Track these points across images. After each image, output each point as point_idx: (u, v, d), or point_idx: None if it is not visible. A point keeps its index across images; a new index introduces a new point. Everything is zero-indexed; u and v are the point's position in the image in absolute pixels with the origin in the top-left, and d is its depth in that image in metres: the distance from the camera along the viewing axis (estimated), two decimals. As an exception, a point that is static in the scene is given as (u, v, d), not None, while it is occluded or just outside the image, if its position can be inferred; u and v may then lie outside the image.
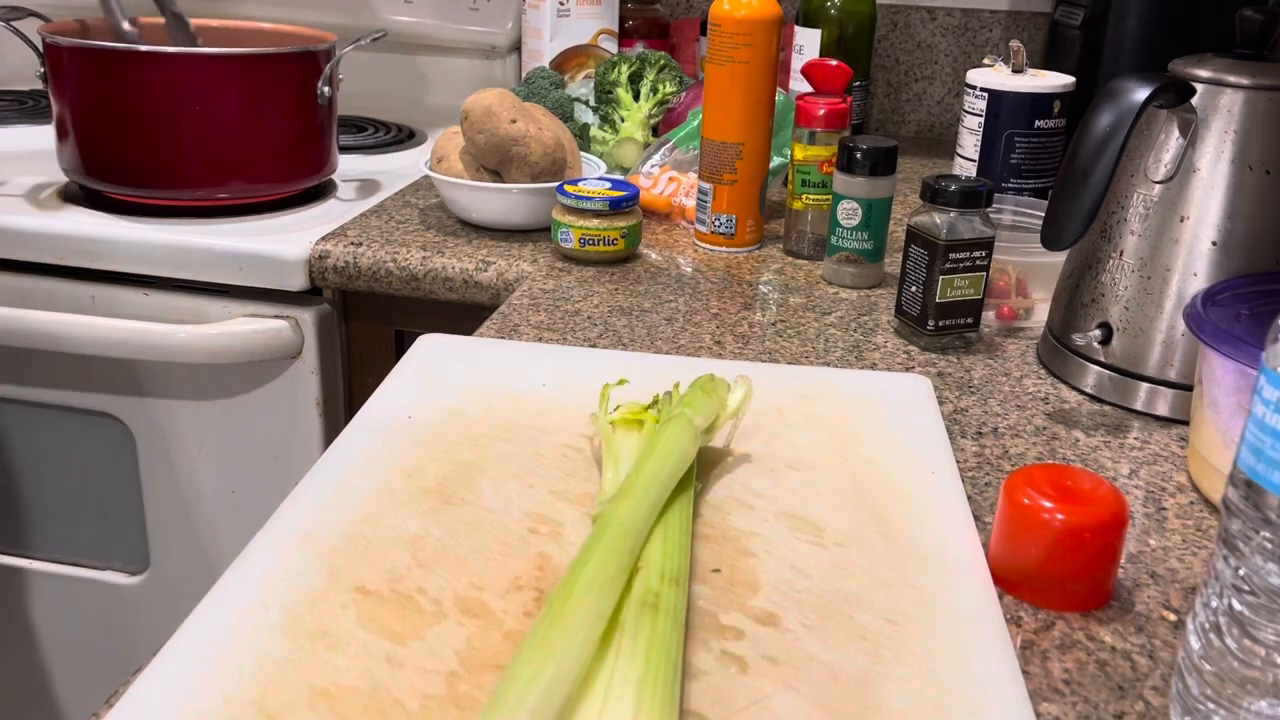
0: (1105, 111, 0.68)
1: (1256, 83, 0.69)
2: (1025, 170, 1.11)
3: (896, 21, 1.55)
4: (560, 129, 1.05)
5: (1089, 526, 0.51)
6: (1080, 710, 0.46)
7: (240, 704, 0.43)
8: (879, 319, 0.88)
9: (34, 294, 1.05)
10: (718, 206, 1.01)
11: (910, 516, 0.58)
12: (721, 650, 0.47)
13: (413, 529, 0.54)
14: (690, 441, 0.56)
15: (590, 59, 1.35)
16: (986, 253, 0.80)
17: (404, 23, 1.58)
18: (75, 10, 1.28)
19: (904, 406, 0.71)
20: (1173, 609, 0.53)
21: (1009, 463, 0.67)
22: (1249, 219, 0.70)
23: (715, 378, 0.63)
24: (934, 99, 1.59)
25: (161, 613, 1.12)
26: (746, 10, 0.95)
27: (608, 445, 0.58)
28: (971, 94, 1.12)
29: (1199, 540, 0.60)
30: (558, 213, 0.96)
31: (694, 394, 0.61)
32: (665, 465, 0.53)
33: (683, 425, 0.57)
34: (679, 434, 0.56)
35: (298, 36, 1.17)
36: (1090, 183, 0.69)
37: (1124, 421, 0.73)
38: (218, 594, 0.49)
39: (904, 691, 0.45)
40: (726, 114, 0.98)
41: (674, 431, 0.56)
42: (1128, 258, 0.73)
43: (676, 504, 0.53)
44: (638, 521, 0.49)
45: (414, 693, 0.43)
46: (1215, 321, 0.62)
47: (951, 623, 0.50)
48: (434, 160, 1.05)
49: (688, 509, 0.54)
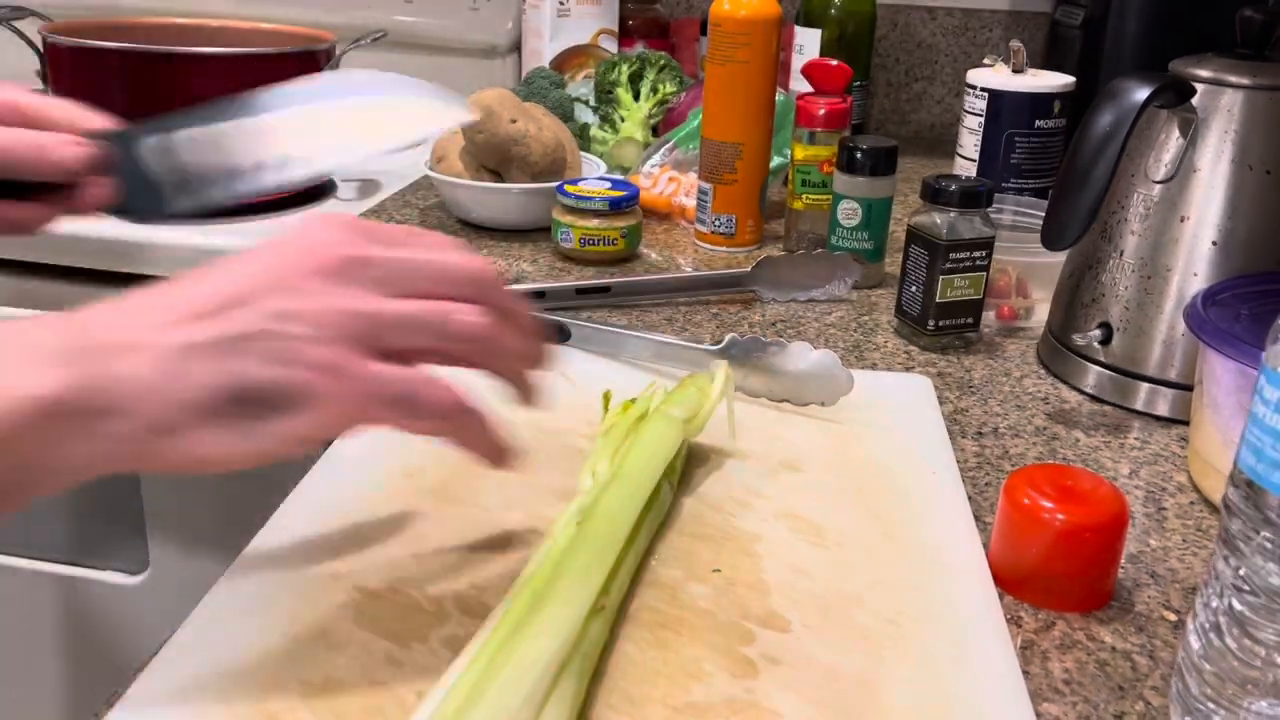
0: (1105, 111, 0.68)
1: (1257, 83, 0.69)
2: (1025, 170, 1.11)
3: (897, 21, 1.55)
4: (560, 129, 1.05)
5: (1089, 526, 0.51)
6: (1080, 710, 0.46)
7: (240, 704, 0.43)
8: (879, 319, 0.88)
9: (34, 294, 1.05)
10: (718, 206, 1.01)
11: (911, 516, 0.58)
12: (722, 650, 0.47)
13: (413, 530, 0.54)
14: (673, 432, 0.57)
15: (590, 59, 1.35)
16: (987, 253, 0.80)
17: (404, 23, 1.58)
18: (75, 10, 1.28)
19: (904, 406, 0.71)
20: (1173, 609, 0.53)
21: (1009, 463, 0.67)
22: (1249, 219, 0.70)
23: (696, 374, 0.63)
24: (934, 99, 1.59)
25: (161, 613, 1.12)
26: (747, 10, 0.95)
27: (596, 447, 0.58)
28: (972, 94, 1.12)
29: (1199, 540, 0.60)
30: (558, 212, 0.96)
31: (675, 390, 0.61)
32: (647, 457, 0.54)
33: (662, 419, 0.57)
34: (660, 428, 0.57)
35: (298, 36, 1.17)
36: (1090, 183, 0.69)
37: (1124, 421, 0.73)
38: (217, 594, 0.49)
39: (904, 691, 0.45)
40: (726, 114, 0.98)
41: (655, 426, 0.57)
42: (1128, 258, 0.73)
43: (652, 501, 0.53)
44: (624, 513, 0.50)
45: (414, 692, 0.43)
46: (1215, 321, 0.62)
47: (952, 623, 0.50)
48: (434, 160, 1.05)
49: (657, 512, 0.55)
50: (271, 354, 0.40)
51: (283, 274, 0.42)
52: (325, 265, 0.42)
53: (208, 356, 0.40)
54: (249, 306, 0.41)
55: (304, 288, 0.41)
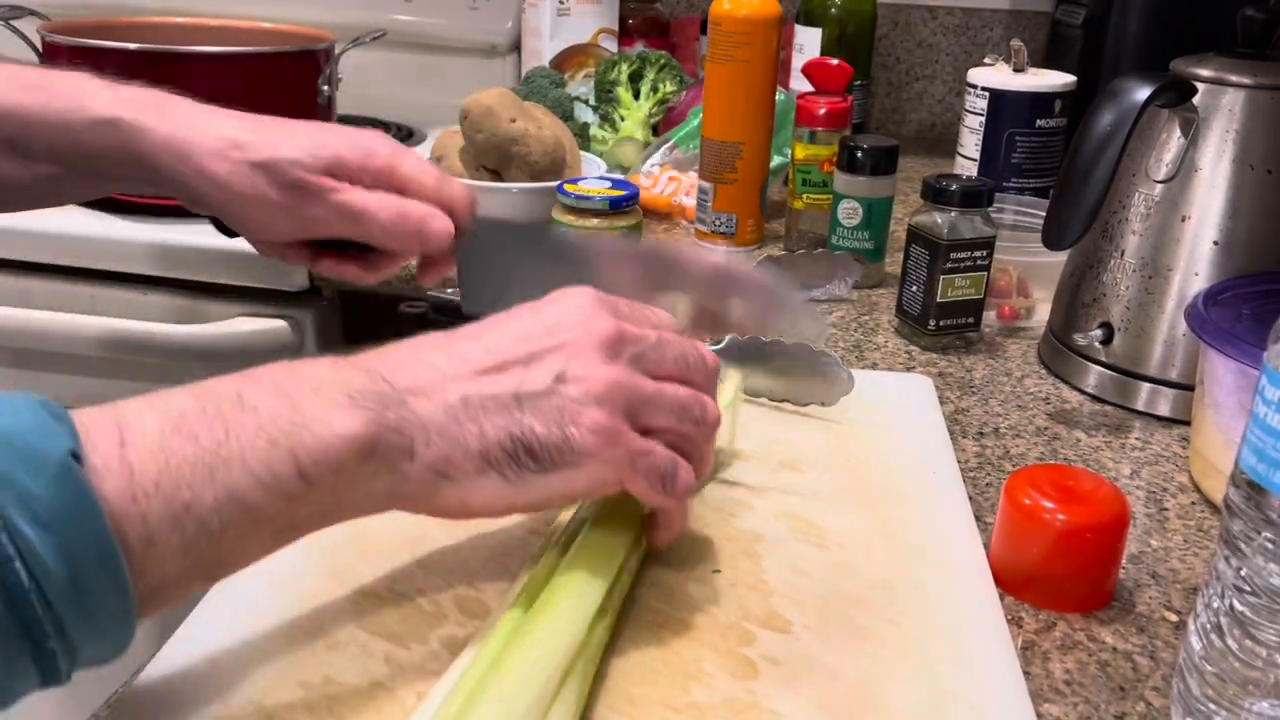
0: (1106, 111, 0.68)
1: (1258, 82, 0.69)
2: (1026, 169, 1.11)
3: (897, 20, 1.55)
4: (560, 128, 1.05)
5: (1090, 527, 0.51)
6: (1081, 711, 0.46)
7: (240, 704, 0.43)
8: (880, 319, 0.88)
9: (34, 294, 1.05)
10: (718, 205, 1.01)
11: (911, 517, 0.58)
12: (722, 651, 0.47)
13: (413, 530, 0.54)
14: None
15: (590, 58, 1.35)
16: (987, 252, 0.80)
17: (404, 22, 1.58)
18: (75, 10, 1.28)
19: (905, 406, 0.71)
20: (1174, 609, 0.53)
21: (1010, 463, 0.67)
22: (1250, 218, 0.70)
23: None
24: (935, 98, 1.59)
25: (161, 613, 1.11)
26: (747, 9, 0.95)
27: None
28: (972, 93, 1.12)
29: (1200, 541, 0.59)
30: (558, 212, 0.96)
31: None
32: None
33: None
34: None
35: (297, 36, 1.17)
36: (1091, 182, 0.69)
37: (1125, 422, 0.73)
38: (217, 594, 0.49)
39: (904, 692, 0.45)
40: (727, 113, 0.98)
41: None
42: (1129, 257, 0.73)
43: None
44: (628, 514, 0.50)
45: (414, 693, 0.43)
46: (1217, 321, 0.62)
47: (953, 623, 0.50)
48: (433, 159, 1.05)
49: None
50: (553, 413, 0.43)
51: (563, 340, 0.45)
52: (601, 338, 0.45)
53: (495, 409, 0.43)
54: (534, 366, 0.44)
55: (582, 356, 0.45)
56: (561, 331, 0.45)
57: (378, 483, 0.41)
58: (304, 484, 0.38)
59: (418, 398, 0.42)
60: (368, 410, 0.40)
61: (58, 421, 0.34)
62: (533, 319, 0.46)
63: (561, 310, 0.46)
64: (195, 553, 0.37)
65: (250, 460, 0.37)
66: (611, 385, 0.44)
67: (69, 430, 0.34)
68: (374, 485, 0.41)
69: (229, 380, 0.40)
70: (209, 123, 0.59)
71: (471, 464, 0.42)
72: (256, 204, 0.58)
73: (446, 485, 0.42)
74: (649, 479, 0.45)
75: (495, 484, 0.43)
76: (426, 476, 0.42)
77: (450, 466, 0.42)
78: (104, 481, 0.34)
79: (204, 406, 0.38)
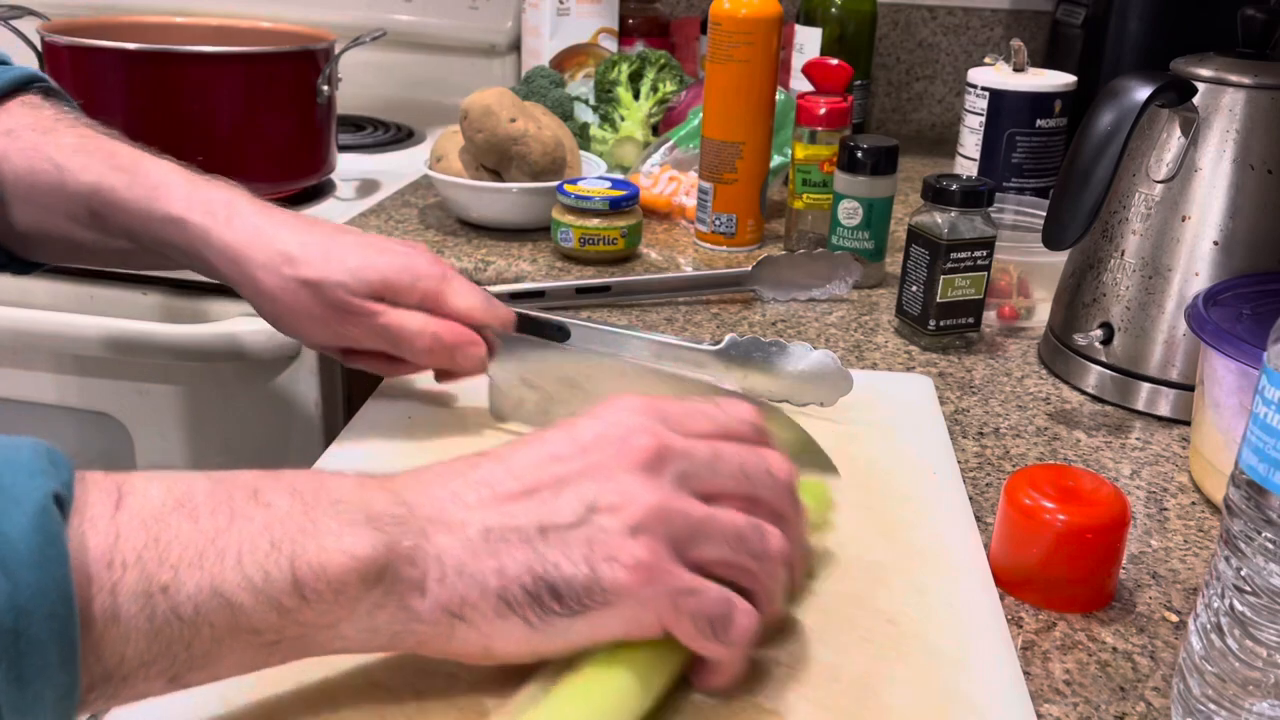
0: (1107, 111, 0.68)
1: (1258, 82, 0.69)
2: (1026, 169, 1.11)
3: (897, 20, 1.55)
4: (560, 128, 1.05)
5: (1090, 527, 0.51)
6: (1081, 711, 0.46)
7: (240, 704, 0.42)
8: (880, 319, 0.88)
9: (34, 294, 1.05)
10: (718, 206, 1.01)
11: (911, 517, 0.58)
12: (722, 651, 0.47)
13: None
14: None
15: (590, 58, 1.35)
16: (988, 252, 0.80)
17: (404, 22, 1.58)
18: (75, 10, 1.28)
19: (905, 406, 0.71)
20: (1174, 610, 0.53)
21: (1010, 463, 0.67)
22: (1251, 218, 0.70)
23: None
24: (935, 98, 1.59)
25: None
26: (747, 9, 0.94)
27: None
28: (973, 93, 1.12)
29: (1200, 541, 0.59)
30: (558, 212, 0.96)
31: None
32: None
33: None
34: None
35: (297, 35, 1.17)
36: (1092, 182, 0.69)
37: (1125, 422, 0.73)
38: (216, 594, 0.49)
39: (904, 692, 0.45)
40: (727, 113, 0.98)
41: None
42: (1129, 257, 0.73)
43: None
44: None
45: (414, 693, 0.43)
46: (1217, 321, 0.62)
47: (953, 623, 0.50)
48: (433, 159, 1.05)
49: None
50: (582, 547, 0.39)
51: (596, 460, 0.40)
52: (641, 456, 0.40)
53: (518, 542, 0.39)
54: (563, 492, 0.40)
55: (618, 478, 0.40)
56: (595, 451, 0.41)
57: (381, 615, 0.37)
58: (298, 598, 0.35)
59: (437, 527, 0.39)
60: (384, 534, 0.37)
61: (53, 466, 0.33)
62: (566, 437, 0.42)
63: (601, 426, 0.42)
64: (162, 643, 0.34)
65: (245, 557, 0.35)
66: (651, 511, 0.39)
67: (63, 479, 0.33)
68: (377, 617, 0.37)
69: (254, 473, 0.38)
70: (269, 235, 0.60)
71: (489, 605, 0.38)
72: (303, 317, 0.60)
73: (462, 628, 0.38)
74: (696, 623, 0.40)
75: (517, 628, 0.39)
76: (439, 617, 0.38)
77: (465, 607, 0.38)
78: (85, 537, 0.33)
79: (215, 491, 0.36)
